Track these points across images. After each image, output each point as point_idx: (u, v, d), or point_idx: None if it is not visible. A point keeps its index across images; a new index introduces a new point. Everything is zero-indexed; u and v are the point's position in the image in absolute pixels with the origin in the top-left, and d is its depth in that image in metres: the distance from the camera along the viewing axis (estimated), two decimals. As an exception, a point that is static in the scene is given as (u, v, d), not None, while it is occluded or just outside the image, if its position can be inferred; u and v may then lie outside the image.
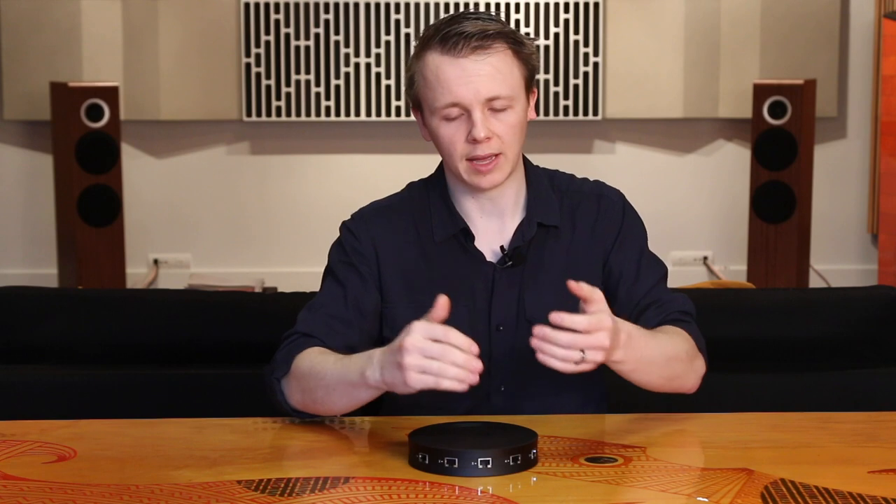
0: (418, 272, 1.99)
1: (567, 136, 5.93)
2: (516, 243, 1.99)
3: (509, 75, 1.91)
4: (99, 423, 1.94)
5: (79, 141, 5.45)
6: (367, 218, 2.03)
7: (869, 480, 1.60)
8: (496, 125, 1.91)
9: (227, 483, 1.59)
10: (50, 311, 2.77)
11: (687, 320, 1.99)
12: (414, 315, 1.91)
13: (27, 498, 1.54)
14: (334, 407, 1.83)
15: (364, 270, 1.99)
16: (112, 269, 5.57)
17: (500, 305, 1.98)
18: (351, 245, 2.01)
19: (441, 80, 1.89)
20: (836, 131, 6.02)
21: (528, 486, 1.58)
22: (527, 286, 1.99)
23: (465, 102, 1.89)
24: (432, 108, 1.93)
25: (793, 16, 5.80)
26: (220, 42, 5.79)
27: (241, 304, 2.83)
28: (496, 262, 1.99)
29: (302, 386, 1.86)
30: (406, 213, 2.03)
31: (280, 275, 5.78)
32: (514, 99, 1.92)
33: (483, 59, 1.89)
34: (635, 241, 2.06)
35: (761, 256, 5.59)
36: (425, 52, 1.92)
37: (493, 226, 2.01)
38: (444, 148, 1.95)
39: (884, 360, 2.67)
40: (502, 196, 2.00)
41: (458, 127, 1.92)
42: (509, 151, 1.93)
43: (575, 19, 5.77)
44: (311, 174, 5.98)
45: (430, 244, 2.00)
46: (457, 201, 2.01)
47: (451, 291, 1.91)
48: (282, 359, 1.91)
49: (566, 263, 2.01)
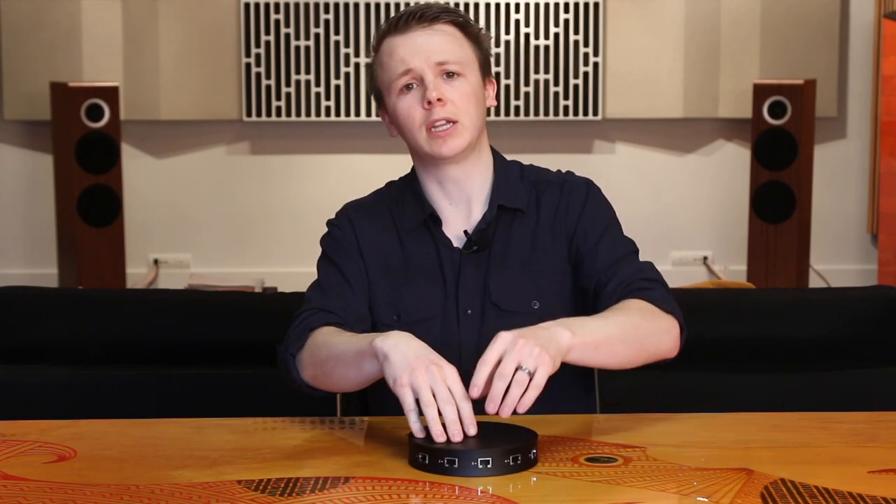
0: (394, 256, 2.07)
1: (567, 136, 5.93)
2: (480, 228, 2.05)
3: (458, 46, 2.03)
4: (99, 423, 1.94)
5: (79, 141, 5.45)
6: (348, 211, 2.14)
7: (869, 480, 1.60)
8: (449, 90, 2.00)
9: (227, 483, 1.59)
10: (50, 311, 2.78)
11: (648, 287, 1.98)
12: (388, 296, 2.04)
13: (27, 498, 1.54)
14: (345, 381, 1.86)
15: (351, 251, 2.08)
16: (112, 269, 5.57)
17: (467, 290, 2.03)
18: (336, 234, 2.11)
19: (394, 55, 2.02)
20: (836, 131, 6.02)
21: (528, 486, 1.58)
22: (492, 271, 2.04)
23: (417, 69, 2.00)
24: (389, 86, 2.03)
25: (793, 16, 5.80)
26: (220, 42, 5.80)
27: (241, 304, 2.83)
28: (461, 248, 2.04)
29: (315, 358, 1.90)
30: (384, 205, 2.13)
31: (280, 275, 5.78)
32: (464, 66, 2.02)
33: (429, 28, 2.02)
34: (598, 218, 2.07)
35: (761, 256, 5.60)
36: (380, 42, 2.06)
37: (461, 213, 2.08)
38: (404, 122, 2.03)
39: (884, 360, 2.67)
40: (468, 179, 2.07)
41: (413, 96, 2.01)
42: (465, 119, 2.01)
43: (575, 19, 5.77)
44: (311, 174, 5.98)
45: (403, 232, 2.09)
46: (426, 190, 2.09)
47: (421, 276, 2.03)
48: (296, 334, 1.95)
49: (530, 247, 2.05)
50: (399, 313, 2.03)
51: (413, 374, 1.66)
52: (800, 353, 2.69)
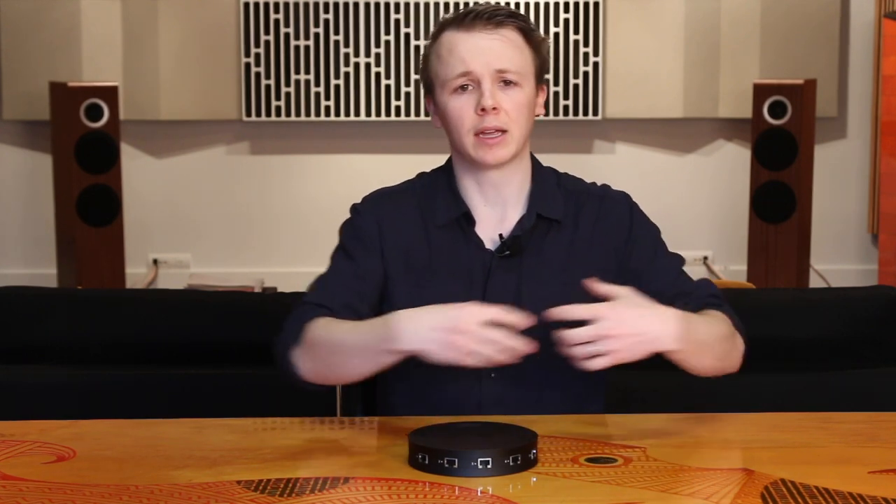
0: (419, 253, 2.04)
1: (567, 136, 5.93)
2: (516, 233, 2.03)
3: (519, 54, 2.00)
4: (99, 423, 1.94)
5: (78, 141, 5.45)
6: (374, 200, 2.10)
7: (869, 480, 1.60)
8: (504, 99, 1.98)
9: (227, 483, 1.59)
10: (50, 311, 2.78)
11: (718, 303, 2.03)
12: (412, 293, 1.99)
13: (26, 498, 1.53)
14: (353, 373, 1.88)
15: (370, 246, 2.05)
16: (112, 269, 5.56)
17: (495, 293, 2.00)
18: (357, 223, 2.08)
19: (454, 52, 1.99)
20: (836, 131, 6.02)
21: (528, 486, 1.58)
22: (525, 277, 2.02)
23: (476, 72, 1.97)
24: (444, 83, 2.00)
25: (793, 16, 5.80)
26: (220, 42, 5.79)
27: (240, 304, 2.83)
28: (494, 250, 2.02)
29: (315, 354, 1.89)
30: (412, 197, 2.09)
31: (280, 275, 5.78)
32: (522, 77, 2.00)
33: (494, 33, 1.99)
34: (648, 237, 2.10)
35: (761, 256, 5.59)
36: (441, 33, 2.03)
37: (495, 215, 2.05)
38: (453, 122, 2.01)
39: (884, 360, 2.67)
40: (506, 184, 2.05)
41: (467, 99, 1.99)
42: (515, 129, 2.00)
43: (575, 19, 5.77)
44: (311, 174, 5.98)
45: (432, 227, 2.05)
46: (461, 188, 2.07)
47: (449, 274, 2.00)
48: (292, 329, 1.94)
49: (566, 259, 2.04)
50: None
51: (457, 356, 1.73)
52: (800, 353, 2.69)
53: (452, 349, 1.72)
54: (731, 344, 1.97)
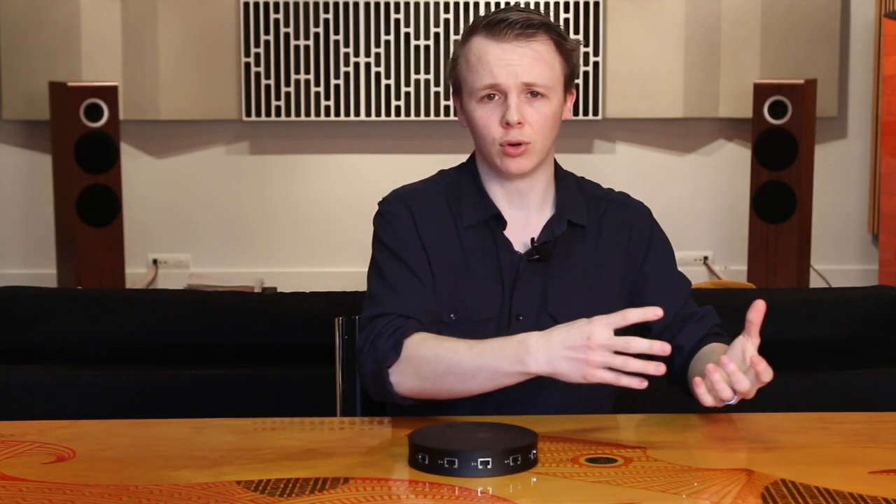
0: (452, 252, 2.03)
1: (567, 136, 5.89)
2: (545, 238, 2.03)
3: (549, 66, 1.99)
4: (99, 423, 1.94)
5: (78, 141, 5.45)
6: (404, 197, 2.08)
7: (869, 481, 1.60)
8: (529, 113, 1.98)
9: (227, 483, 1.59)
10: (49, 311, 2.78)
11: (723, 333, 2.06)
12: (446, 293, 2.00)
13: (26, 498, 1.53)
14: (467, 393, 1.88)
15: (414, 244, 2.03)
16: (111, 269, 5.56)
17: (522, 296, 2.01)
18: (394, 223, 2.05)
19: (483, 62, 1.97)
20: (837, 131, 6.02)
21: (528, 487, 1.58)
22: (551, 281, 2.02)
23: (503, 85, 1.96)
24: (471, 90, 1.99)
25: (793, 16, 5.80)
26: (220, 42, 5.79)
27: (241, 304, 2.83)
28: (524, 254, 2.03)
29: (423, 372, 1.88)
30: (439, 195, 2.07)
31: (280, 275, 5.78)
32: (550, 90, 1.99)
33: (525, 45, 1.97)
34: (665, 253, 2.12)
35: (761, 256, 5.59)
36: (471, 37, 2.00)
37: (520, 218, 2.06)
38: (479, 131, 2.01)
39: (884, 360, 2.67)
40: (532, 190, 2.05)
41: (493, 110, 1.98)
42: (538, 142, 1.99)
43: (575, 19, 5.77)
44: (311, 174, 5.98)
45: (461, 227, 2.04)
46: (488, 189, 2.06)
47: (477, 274, 2.00)
48: (388, 346, 1.91)
49: (590, 264, 2.05)
50: (456, 312, 2.00)
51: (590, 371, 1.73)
52: (800, 353, 2.69)
53: (585, 366, 1.73)
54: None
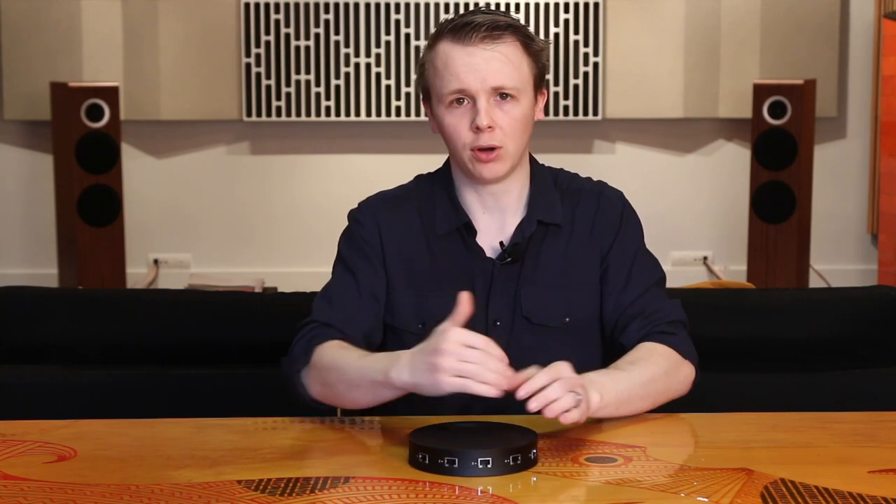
0: (420, 262, 2.02)
1: (567, 136, 5.93)
2: (516, 240, 2.01)
3: (517, 68, 1.95)
4: (99, 423, 1.94)
5: (79, 141, 5.45)
6: (373, 206, 2.06)
7: (869, 480, 1.60)
8: (500, 116, 1.94)
9: (227, 483, 1.59)
10: (50, 311, 2.77)
11: (672, 331, 1.99)
12: (413, 303, 1.97)
13: (27, 498, 1.53)
14: (356, 403, 1.87)
15: (372, 256, 2.02)
16: (112, 269, 5.57)
17: (498, 301, 2.00)
18: (357, 233, 2.04)
19: (449, 67, 1.94)
20: (836, 131, 6.02)
21: (528, 486, 1.58)
22: (523, 283, 2.01)
23: (471, 90, 1.93)
24: (440, 96, 1.97)
25: (793, 16, 5.80)
26: (220, 42, 5.80)
27: (241, 304, 2.83)
28: (495, 258, 2.01)
29: (323, 379, 1.89)
30: (412, 203, 2.06)
31: (280, 275, 5.78)
32: (520, 91, 1.95)
33: (492, 49, 1.93)
34: (631, 245, 2.06)
35: (761, 256, 5.60)
36: (437, 42, 1.97)
37: (495, 222, 2.03)
38: (449, 136, 1.98)
39: (884, 360, 2.67)
40: (506, 193, 2.03)
41: (462, 115, 1.95)
42: (510, 145, 1.96)
43: (575, 19, 5.77)
44: (311, 174, 5.98)
45: (432, 236, 2.03)
46: (461, 196, 2.04)
47: (450, 284, 1.96)
48: (301, 350, 1.93)
49: (563, 261, 2.03)
50: (424, 321, 1.97)
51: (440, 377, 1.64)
52: (800, 353, 2.69)
53: (436, 371, 1.65)
54: (666, 382, 1.93)
